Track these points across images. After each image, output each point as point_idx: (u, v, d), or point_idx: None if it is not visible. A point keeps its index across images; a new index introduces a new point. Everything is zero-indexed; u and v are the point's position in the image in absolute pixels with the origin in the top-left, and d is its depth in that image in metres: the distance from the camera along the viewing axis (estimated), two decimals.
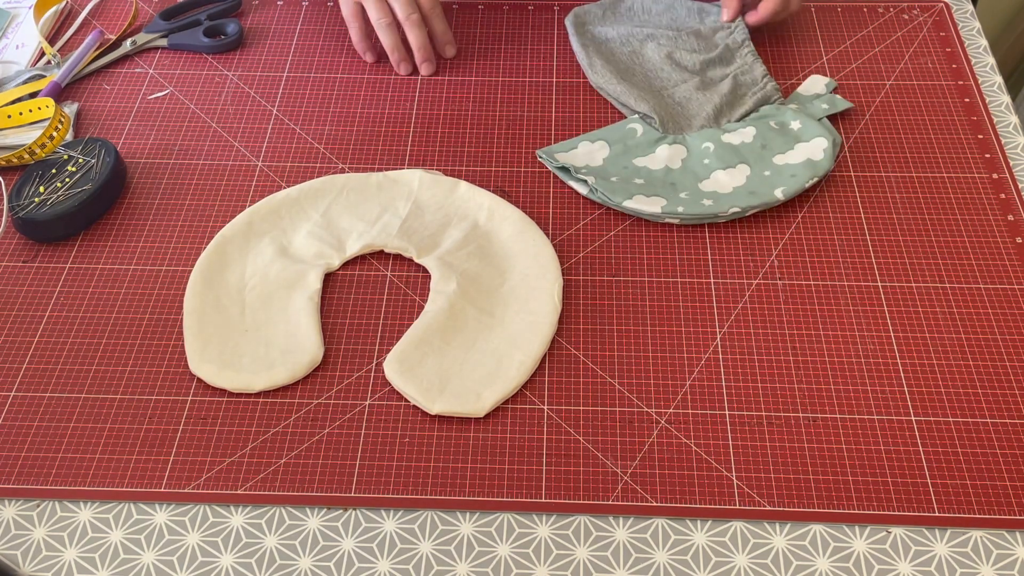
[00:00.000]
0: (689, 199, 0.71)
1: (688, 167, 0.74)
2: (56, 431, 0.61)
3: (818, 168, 0.72)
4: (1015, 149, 0.77)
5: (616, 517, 0.58)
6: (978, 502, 0.57)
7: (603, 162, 0.75)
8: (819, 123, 0.75)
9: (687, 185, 0.73)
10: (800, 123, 0.76)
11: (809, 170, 0.72)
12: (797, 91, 0.80)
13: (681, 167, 0.74)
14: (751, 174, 0.73)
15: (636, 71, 0.82)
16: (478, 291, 0.67)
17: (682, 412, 0.62)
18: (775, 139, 0.75)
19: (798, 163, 0.73)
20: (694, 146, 0.76)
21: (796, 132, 0.75)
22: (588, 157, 0.75)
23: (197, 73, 0.85)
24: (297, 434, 0.61)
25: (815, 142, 0.74)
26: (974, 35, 0.86)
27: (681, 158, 0.75)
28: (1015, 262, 0.69)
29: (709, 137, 0.76)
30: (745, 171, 0.73)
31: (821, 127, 0.75)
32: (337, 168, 0.77)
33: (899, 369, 0.63)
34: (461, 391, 0.62)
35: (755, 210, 0.71)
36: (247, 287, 0.68)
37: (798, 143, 0.75)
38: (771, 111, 0.77)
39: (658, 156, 0.75)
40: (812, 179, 0.72)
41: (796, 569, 0.55)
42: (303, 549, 0.56)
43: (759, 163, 0.74)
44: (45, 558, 0.56)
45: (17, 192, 0.72)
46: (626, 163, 0.75)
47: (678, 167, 0.74)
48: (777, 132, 0.75)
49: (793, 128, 0.76)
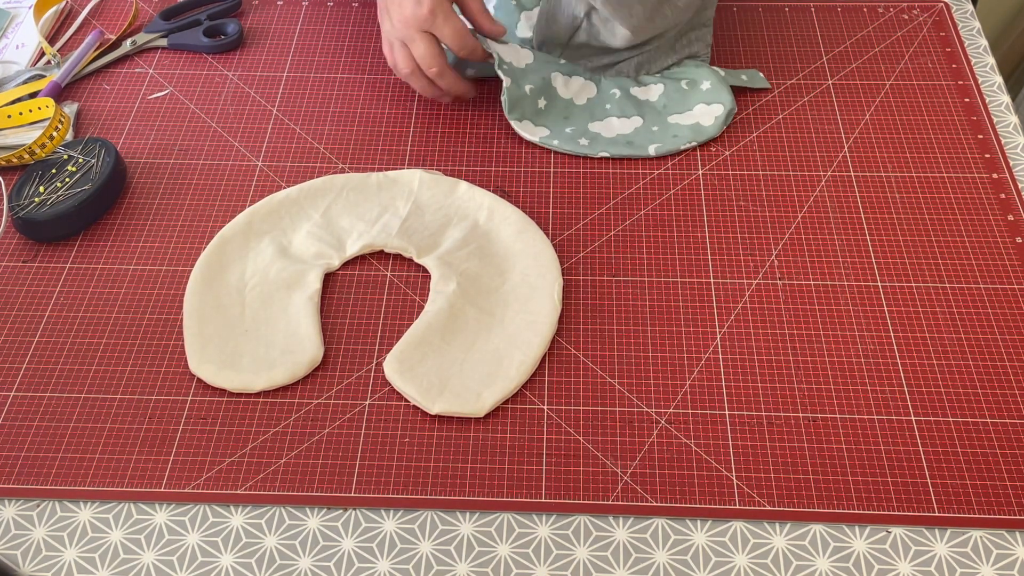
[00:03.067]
0: (570, 135, 0.76)
1: (588, 107, 0.79)
2: (56, 431, 0.61)
3: (702, 133, 0.76)
4: (1015, 149, 0.77)
5: (616, 517, 0.58)
6: (978, 502, 0.57)
7: (525, 67, 0.78)
8: (727, 88, 0.78)
9: (577, 122, 0.77)
10: (710, 84, 0.78)
11: (692, 133, 0.76)
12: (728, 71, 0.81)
13: (584, 104, 0.79)
14: (640, 126, 0.77)
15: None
16: (478, 291, 0.67)
17: (682, 412, 0.62)
18: (679, 99, 0.78)
19: (686, 125, 0.77)
20: (604, 89, 0.79)
21: (703, 92, 0.78)
22: (515, 55, 0.78)
23: (197, 73, 0.85)
24: (297, 434, 0.61)
25: (713, 107, 0.77)
26: (974, 35, 0.86)
27: (588, 96, 0.79)
28: (1015, 262, 0.69)
29: (619, 84, 0.79)
30: (637, 123, 0.77)
31: (726, 92, 0.78)
32: (337, 168, 0.77)
33: (899, 369, 0.63)
34: (461, 391, 0.62)
35: (624, 158, 0.76)
36: (247, 287, 0.68)
37: (698, 104, 0.77)
38: (691, 67, 0.79)
39: (571, 85, 0.79)
40: (691, 143, 0.76)
41: (796, 569, 0.55)
42: (303, 549, 0.56)
43: (653, 119, 0.78)
44: (45, 558, 0.56)
45: (17, 192, 0.72)
46: (544, 75, 0.78)
47: (582, 103, 0.78)
48: (684, 92, 0.78)
49: (702, 88, 0.78)
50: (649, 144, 0.76)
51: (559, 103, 0.78)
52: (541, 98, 0.78)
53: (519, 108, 0.77)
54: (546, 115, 0.78)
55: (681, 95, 0.78)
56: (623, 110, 0.78)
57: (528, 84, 0.77)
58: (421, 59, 0.73)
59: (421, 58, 0.73)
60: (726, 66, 0.83)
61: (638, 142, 0.76)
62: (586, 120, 0.78)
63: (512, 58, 0.77)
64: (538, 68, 0.78)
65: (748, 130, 0.79)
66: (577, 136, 0.76)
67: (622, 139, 0.76)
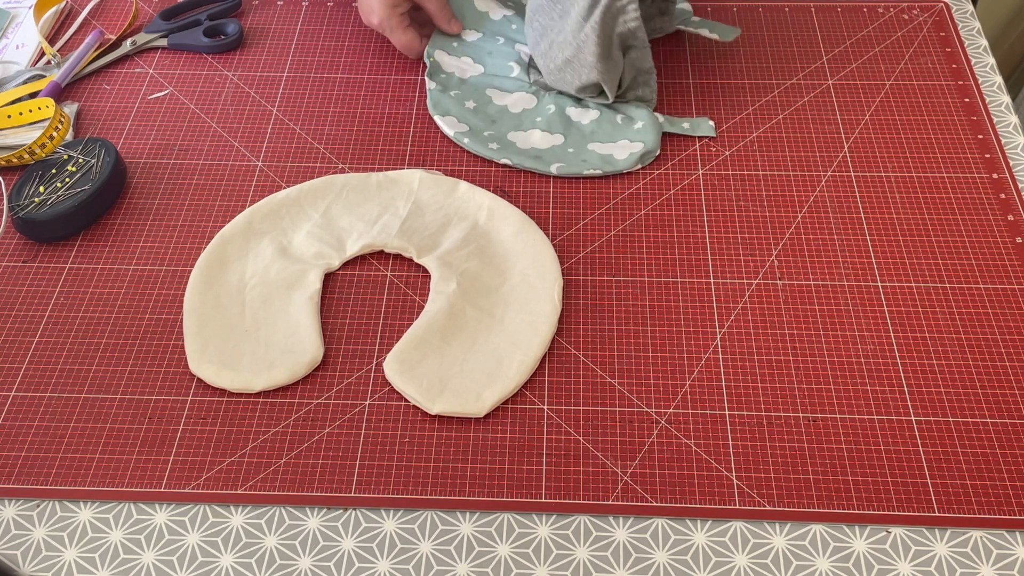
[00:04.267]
0: (484, 138, 0.77)
1: (520, 115, 0.79)
2: (56, 431, 0.61)
3: (611, 165, 0.75)
4: (1015, 149, 0.77)
5: (616, 517, 0.58)
6: (978, 502, 0.57)
7: (467, 78, 0.80)
8: (657, 132, 0.76)
9: (500, 128, 0.78)
10: (643, 126, 0.76)
11: (601, 163, 0.75)
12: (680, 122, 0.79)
13: (518, 112, 0.79)
14: (558, 145, 0.76)
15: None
16: (478, 291, 0.67)
17: (682, 412, 0.62)
18: (608, 130, 0.77)
19: (599, 154, 0.76)
20: (542, 103, 0.79)
21: (633, 131, 0.77)
22: (459, 68, 0.80)
23: (197, 73, 0.85)
24: (297, 434, 0.61)
25: (635, 144, 0.76)
26: (974, 35, 0.86)
27: (524, 107, 0.79)
28: (1015, 262, 0.69)
29: (558, 102, 0.79)
30: (557, 140, 0.77)
31: (654, 133, 0.76)
32: (337, 168, 0.77)
33: (899, 369, 0.63)
34: (461, 391, 0.62)
35: (525, 170, 0.75)
36: (247, 287, 0.68)
37: (623, 139, 0.76)
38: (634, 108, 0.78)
39: (511, 96, 0.80)
40: (596, 171, 0.75)
41: (796, 569, 0.55)
42: (303, 549, 0.56)
43: (574, 141, 0.77)
44: (45, 558, 0.56)
45: (17, 192, 0.72)
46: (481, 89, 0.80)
47: (516, 112, 0.79)
48: (616, 126, 0.77)
49: (635, 127, 0.77)
50: (554, 162, 0.75)
51: (491, 106, 0.79)
52: (470, 100, 0.79)
53: (442, 106, 0.79)
54: (473, 114, 0.78)
55: (612, 128, 0.77)
56: (550, 126, 0.77)
57: (455, 90, 0.80)
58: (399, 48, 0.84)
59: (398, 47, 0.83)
60: (724, 67, 0.83)
61: (546, 158, 0.75)
62: (510, 128, 0.78)
63: (456, 68, 0.81)
64: (477, 83, 0.80)
65: (748, 130, 0.79)
66: (490, 141, 0.76)
67: (533, 152, 0.76)
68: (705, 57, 0.85)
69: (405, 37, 0.82)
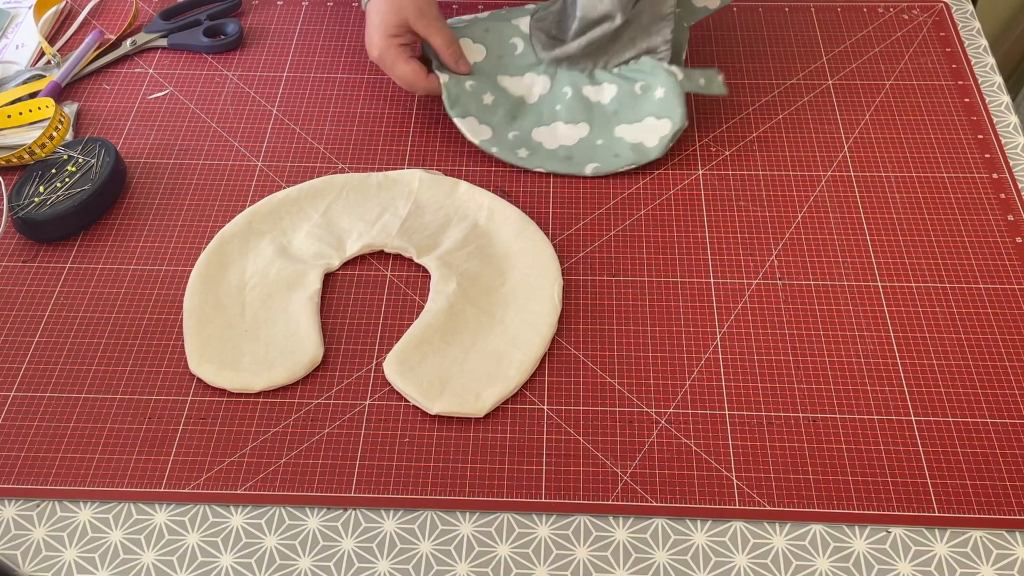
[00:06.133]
0: (511, 142, 0.76)
1: (539, 105, 0.78)
2: (56, 431, 0.61)
3: (643, 155, 0.74)
4: (1015, 149, 0.77)
5: (616, 517, 0.58)
6: (978, 502, 0.57)
7: (474, 63, 0.78)
8: (680, 100, 0.74)
9: (523, 126, 0.77)
10: (664, 93, 0.75)
11: (634, 154, 0.75)
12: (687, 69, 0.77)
13: (535, 102, 0.78)
14: (585, 137, 0.76)
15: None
16: (478, 291, 0.67)
17: (682, 412, 0.62)
18: (630, 105, 0.76)
19: (629, 143, 0.75)
20: (557, 85, 0.78)
21: (655, 102, 0.75)
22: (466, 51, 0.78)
23: (197, 73, 0.85)
24: (297, 434, 0.61)
25: (662, 122, 0.75)
26: (974, 35, 0.86)
27: (540, 93, 0.78)
28: (1015, 262, 0.69)
29: (573, 81, 0.77)
30: (583, 131, 0.76)
31: (679, 106, 0.74)
32: (337, 168, 0.77)
33: (899, 369, 0.63)
34: (461, 391, 0.62)
35: (560, 175, 0.75)
36: (247, 287, 0.68)
37: (649, 116, 0.75)
38: (648, 67, 0.76)
39: (523, 82, 0.78)
40: (631, 165, 0.74)
41: (796, 569, 0.55)
42: (303, 549, 0.56)
43: (600, 128, 0.76)
44: (45, 558, 0.56)
45: (17, 192, 0.72)
46: (492, 77, 0.78)
47: (533, 101, 0.78)
48: (636, 98, 0.76)
49: (655, 96, 0.75)
50: (588, 163, 0.75)
51: (508, 99, 0.77)
52: (487, 93, 0.77)
53: (461, 103, 0.76)
54: (493, 112, 0.76)
55: (633, 101, 0.76)
56: (572, 113, 0.77)
57: (469, 81, 0.77)
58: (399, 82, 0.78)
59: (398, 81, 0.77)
60: (724, 67, 0.83)
61: (578, 158, 0.75)
62: (532, 124, 0.77)
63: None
64: (486, 70, 0.78)
65: (748, 130, 0.79)
66: (518, 146, 0.75)
67: (563, 152, 0.75)
68: (705, 57, 0.85)
69: (407, 68, 0.75)
